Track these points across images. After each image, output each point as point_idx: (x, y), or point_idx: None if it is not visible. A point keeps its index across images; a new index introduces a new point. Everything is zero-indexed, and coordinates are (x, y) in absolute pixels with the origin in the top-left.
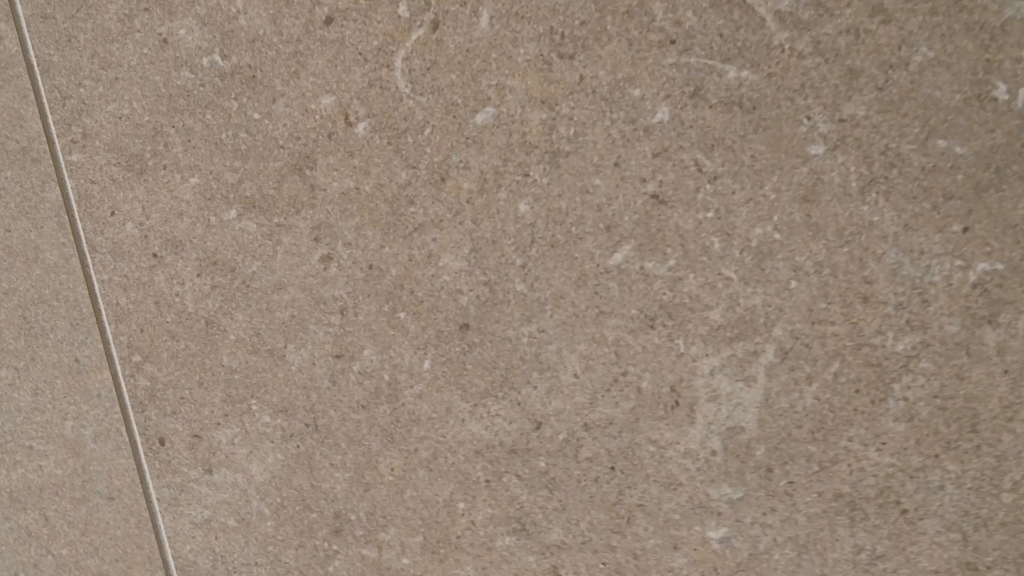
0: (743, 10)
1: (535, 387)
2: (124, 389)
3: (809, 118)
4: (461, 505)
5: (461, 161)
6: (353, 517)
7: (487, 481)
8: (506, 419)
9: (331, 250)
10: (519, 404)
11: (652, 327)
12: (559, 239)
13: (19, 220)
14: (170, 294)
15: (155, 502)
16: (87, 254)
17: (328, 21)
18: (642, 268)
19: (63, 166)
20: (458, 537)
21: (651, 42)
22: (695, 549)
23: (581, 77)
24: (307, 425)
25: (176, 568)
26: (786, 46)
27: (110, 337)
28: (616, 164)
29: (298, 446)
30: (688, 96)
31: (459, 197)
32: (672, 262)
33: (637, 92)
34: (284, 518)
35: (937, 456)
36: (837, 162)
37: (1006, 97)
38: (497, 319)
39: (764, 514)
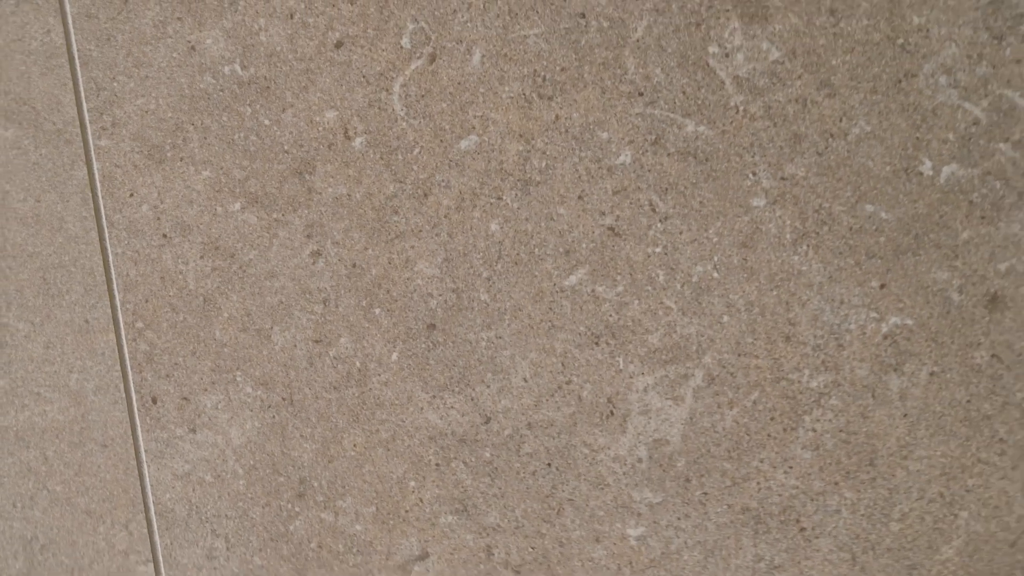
0: (705, 72)
1: (488, 386)
2: (126, 351)
3: (754, 173)
4: (412, 483)
5: (443, 180)
6: (316, 484)
7: (437, 464)
8: (460, 412)
9: (320, 247)
10: (472, 400)
11: (597, 344)
12: (523, 258)
13: (48, 193)
14: (175, 271)
15: (143, 453)
16: (105, 229)
17: (338, 45)
18: (593, 291)
19: (92, 149)
20: (407, 511)
21: (621, 92)
22: (615, 543)
23: (556, 117)
24: (283, 399)
25: (156, 513)
26: (740, 108)
27: (118, 304)
28: (580, 197)
29: (274, 416)
30: (649, 143)
31: (438, 212)
32: (620, 288)
33: (605, 135)
34: (255, 478)
35: (837, 483)
36: (775, 215)
37: (930, 173)
38: (461, 323)
39: (679, 519)
